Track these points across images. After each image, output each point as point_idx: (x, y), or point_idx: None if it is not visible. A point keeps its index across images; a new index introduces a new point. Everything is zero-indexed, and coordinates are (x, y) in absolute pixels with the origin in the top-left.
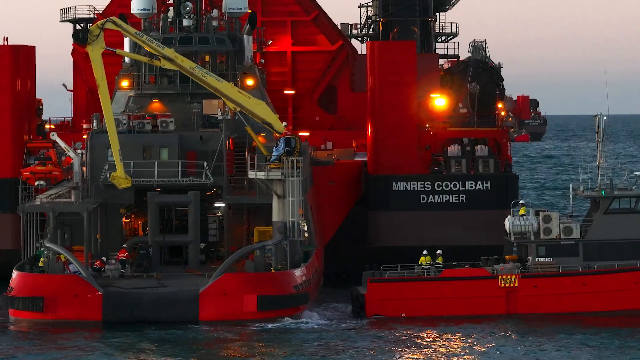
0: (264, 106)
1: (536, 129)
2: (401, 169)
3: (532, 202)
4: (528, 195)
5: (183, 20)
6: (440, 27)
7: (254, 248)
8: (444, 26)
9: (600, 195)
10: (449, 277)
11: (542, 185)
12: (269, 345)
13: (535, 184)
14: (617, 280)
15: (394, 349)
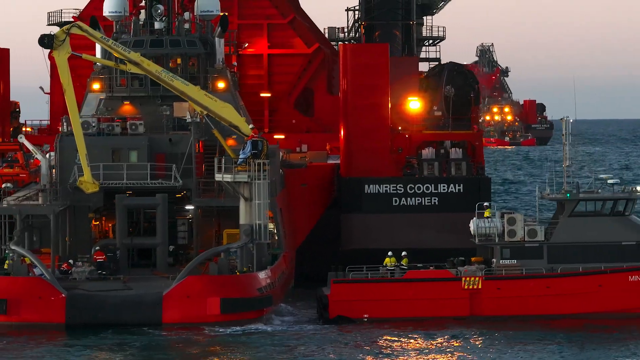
0: (230, 109)
1: (542, 133)
2: (374, 171)
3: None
4: (522, 200)
5: (154, 23)
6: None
7: (219, 251)
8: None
9: (565, 198)
10: (413, 279)
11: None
12: (230, 348)
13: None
14: (581, 283)
15: (355, 352)
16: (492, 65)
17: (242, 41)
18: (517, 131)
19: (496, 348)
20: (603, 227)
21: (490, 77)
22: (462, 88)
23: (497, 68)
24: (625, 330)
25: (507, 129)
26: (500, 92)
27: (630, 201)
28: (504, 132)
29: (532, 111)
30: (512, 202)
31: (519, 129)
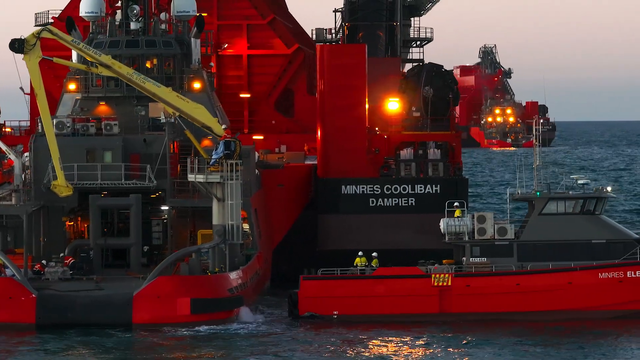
0: (202, 110)
1: (545, 134)
2: (351, 172)
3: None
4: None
5: (130, 24)
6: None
7: (190, 251)
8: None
9: (535, 197)
10: (382, 276)
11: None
12: (201, 348)
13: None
14: (550, 281)
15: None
16: (495, 67)
17: (221, 42)
18: (519, 133)
19: (465, 345)
20: (573, 226)
21: (492, 78)
22: (441, 89)
23: (499, 69)
24: (594, 327)
25: (509, 131)
26: (502, 93)
27: (600, 200)
28: (506, 134)
29: (534, 113)
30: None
31: (521, 130)
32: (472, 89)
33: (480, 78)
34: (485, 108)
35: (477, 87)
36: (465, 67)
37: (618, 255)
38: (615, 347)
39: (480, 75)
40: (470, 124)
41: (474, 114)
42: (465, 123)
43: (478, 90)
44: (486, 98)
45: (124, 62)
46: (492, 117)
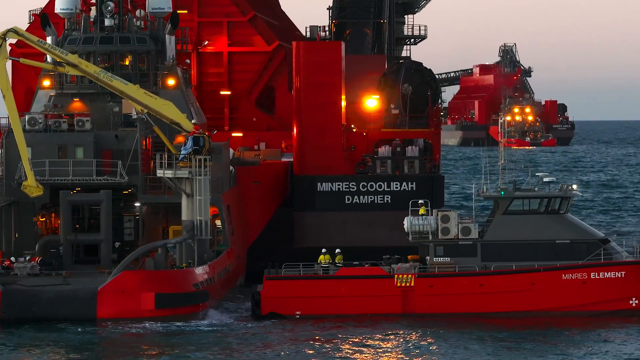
0: (171, 106)
1: (564, 133)
2: (326, 169)
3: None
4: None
5: (105, 20)
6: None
7: (156, 246)
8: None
9: (500, 196)
10: (345, 276)
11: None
12: (163, 343)
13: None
14: (514, 281)
15: (285, 349)
16: (514, 66)
17: (202, 39)
18: (538, 131)
19: (428, 346)
20: (537, 225)
21: (511, 77)
22: (420, 86)
23: (518, 68)
24: (558, 328)
25: (528, 130)
26: (521, 92)
27: (565, 199)
28: (524, 133)
29: (553, 111)
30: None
31: (540, 129)
32: (491, 87)
33: (500, 77)
34: (504, 107)
35: (496, 86)
36: (485, 66)
37: (582, 255)
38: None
39: (499, 74)
40: (489, 122)
41: (493, 113)
42: (484, 122)
43: (497, 89)
44: (505, 97)
45: (98, 58)
46: (511, 115)
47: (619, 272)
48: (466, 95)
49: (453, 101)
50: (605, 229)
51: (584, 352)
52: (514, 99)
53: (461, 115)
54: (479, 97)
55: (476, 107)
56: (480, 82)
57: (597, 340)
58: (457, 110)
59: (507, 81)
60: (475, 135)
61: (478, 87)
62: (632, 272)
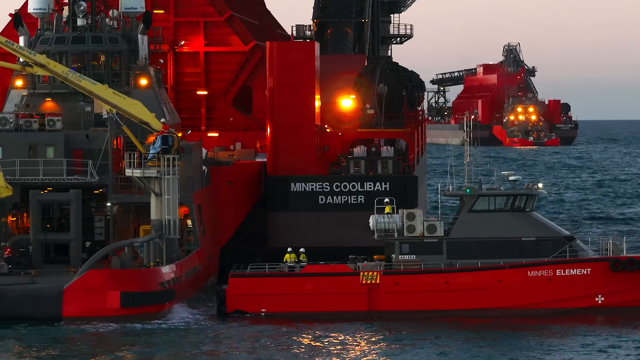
0: (139, 106)
1: (567, 133)
2: (300, 169)
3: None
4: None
5: (77, 20)
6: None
7: (122, 245)
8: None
9: (465, 194)
10: (310, 273)
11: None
12: (126, 342)
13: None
14: (480, 279)
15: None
16: (518, 65)
17: (178, 39)
18: (541, 131)
19: (392, 343)
20: (502, 223)
21: (515, 77)
22: (395, 86)
23: (522, 68)
24: (523, 325)
25: (531, 129)
26: (525, 92)
27: (530, 197)
28: (528, 132)
29: (557, 111)
30: None
31: (543, 128)
32: (495, 87)
33: (503, 76)
34: (507, 106)
35: (499, 85)
36: (489, 66)
37: (548, 253)
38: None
39: (502, 74)
40: (492, 122)
41: (496, 113)
42: (488, 121)
43: (500, 89)
44: (508, 96)
45: (70, 58)
46: (514, 115)
47: (584, 269)
48: (470, 95)
49: (457, 101)
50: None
51: (549, 348)
52: (518, 99)
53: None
54: (482, 97)
55: (479, 106)
56: (483, 81)
57: (563, 337)
58: (460, 109)
59: (511, 81)
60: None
61: (482, 86)
62: (598, 269)
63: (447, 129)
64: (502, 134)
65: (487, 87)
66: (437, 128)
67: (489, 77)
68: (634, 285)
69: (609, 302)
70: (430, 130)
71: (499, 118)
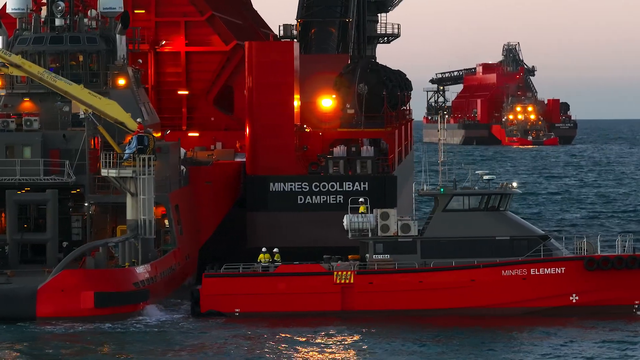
0: (114, 106)
1: (566, 132)
2: (279, 169)
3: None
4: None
5: (55, 20)
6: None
7: (96, 245)
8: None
9: (439, 193)
10: (284, 273)
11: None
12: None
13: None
14: (453, 278)
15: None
16: (517, 65)
17: (159, 39)
18: (540, 130)
19: (366, 343)
20: (476, 222)
21: (514, 76)
22: (375, 86)
23: (521, 67)
24: (497, 325)
25: (530, 128)
26: (524, 91)
27: (504, 196)
28: (527, 131)
29: (556, 110)
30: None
31: (542, 128)
32: (494, 86)
33: (502, 76)
34: (506, 106)
35: (498, 84)
36: (488, 65)
37: (522, 252)
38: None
39: (502, 73)
40: (491, 121)
41: (496, 112)
42: (487, 121)
43: (500, 88)
44: (507, 96)
45: (48, 58)
46: (514, 114)
47: (558, 269)
48: (469, 94)
49: (456, 100)
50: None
51: (523, 348)
52: (517, 98)
53: (464, 114)
54: (481, 96)
55: (479, 105)
56: (483, 81)
57: (537, 336)
58: (460, 109)
59: (510, 80)
60: (477, 134)
61: (481, 86)
62: (572, 268)
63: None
64: (501, 134)
65: (487, 86)
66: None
67: (488, 77)
68: (608, 284)
69: (583, 301)
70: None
71: (498, 117)
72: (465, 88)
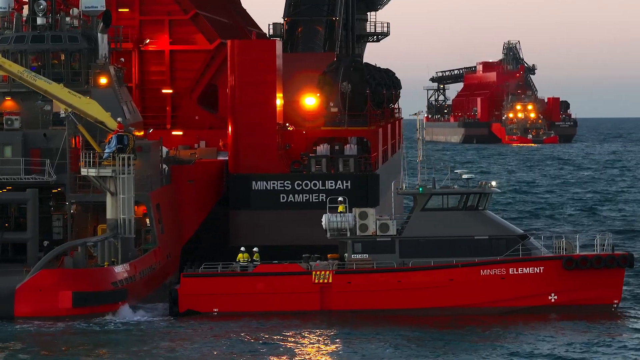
0: (94, 105)
1: (566, 130)
2: (261, 168)
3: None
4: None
5: (37, 19)
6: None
7: (75, 244)
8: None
9: (418, 192)
10: (262, 273)
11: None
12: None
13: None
14: (432, 277)
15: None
16: (518, 63)
17: (143, 37)
18: (540, 129)
19: (344, 342)
20: (455, 222)
21: (514, 74)
22: (359, 84)
23: (521, 65)
24: (476, 324)
25: (530, 127)
26: (524, 89)
27: (483, 196)
28: (526, 130)
29: (556, 109)
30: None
31: (542, 126)
32: (494, 85)
33: (502, 74)
34: (506, 104)
35: (498, 83)
36: (488, 64)
37: (501, 251)
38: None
39: (502, 72)
40: (491, 120)
41: (496, 110)
42: (487, 119)
43: (500, 87)
44: (507, 94)
45: (30, 57)
46: (513, 113)
47: (537, 268)
48: (469, 93)
49: (456, 98)
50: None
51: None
52: (516, 96)
53: (464, 113)
54: (481, 95)
55: (479, 104)
56: (483, 79)
57: (515, 335)
58: (460, 107)
59: (510, 78)
60: (477, 132)
61: (481, 84)
62: (551, 267)
63: (447, 127)
64: (501, 132)
65: (487, 84)
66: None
67: (489, 75)
68: (586, 284)
69: (562, 300)
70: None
71: (498, 116)
72: (465, 86)
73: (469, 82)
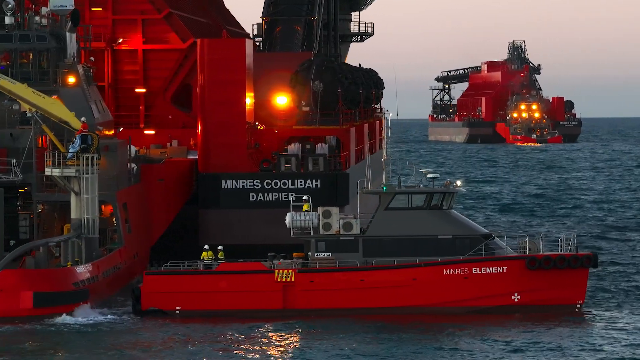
0: (58, 105)
1: (570, 130)
2: (230, 167)
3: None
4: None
5: (5, 18)
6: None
7: (37, 244)
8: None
9: (382, 191)
10: (225, 271)
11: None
12: (37, 341)
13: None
14: (395, 277)
15: (163, 346)
16: (523, 63)
17: (116, 36)
18: (544, 128)
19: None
20: (419, 221)
21: (519, 74)
22: (331, 83)
23: (526, 65)
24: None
25: (534, 126)
26: (528, 89)
27: (447, 195)
28: (531, 129)
29: (560, 108)
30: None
31: (546, 126)
32: (499, 85)
33: (507, 74)
34: (510, 104)
35: (503, 82)
36: (493, 63)
37: (464, 251)
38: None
39: (507, 71)
40: (496, 119)
41: (500, 110)
42: (491, 119)
43: (504, 86)
44: (512, 94)
45: None
46: (518, 112)
47: (500, 268)
48: (474, 92)
49: (461, 98)
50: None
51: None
52: (521, 96)
53: (469, 112)
54: (486, 94)
55: (483, 104)
56: (488, 79)
57: (478, 335)
58: (465, 107)
59: (515, 78)
60: (482, 132)
61: (486, 84)
62: (514, 267)
63: (451, 127)
64: (505, 131)
65: (491, 84)
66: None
67: (493, 75)
68: (550, 284)
69: (525, 300)
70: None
71: (503, 115)
72: (470, 86)
73: (474, 82)
